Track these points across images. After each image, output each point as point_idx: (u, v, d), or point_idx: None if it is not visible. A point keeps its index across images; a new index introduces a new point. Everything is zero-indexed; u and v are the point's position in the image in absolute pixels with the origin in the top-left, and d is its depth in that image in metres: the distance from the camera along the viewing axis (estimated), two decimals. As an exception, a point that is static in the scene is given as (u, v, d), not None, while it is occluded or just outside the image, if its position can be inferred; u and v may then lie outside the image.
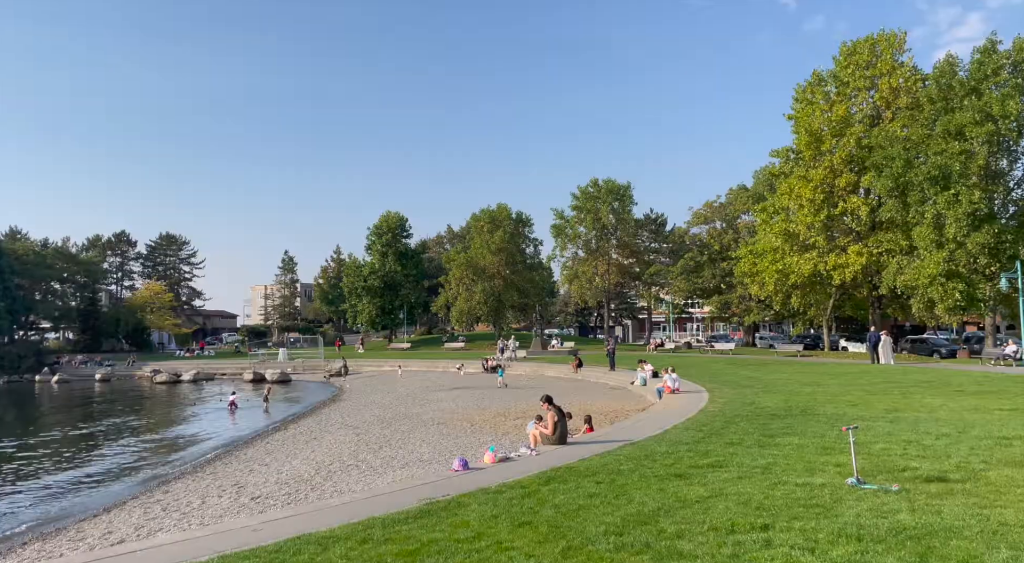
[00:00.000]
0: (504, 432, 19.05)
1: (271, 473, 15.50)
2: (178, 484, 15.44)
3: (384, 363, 51.88)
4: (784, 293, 45.59)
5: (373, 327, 77.95)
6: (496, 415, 22.87)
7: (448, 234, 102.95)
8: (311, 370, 52.37)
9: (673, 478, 8.64)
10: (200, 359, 64.55)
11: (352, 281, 74.86)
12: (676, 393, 21.93)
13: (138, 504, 13.53)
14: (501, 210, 67.28)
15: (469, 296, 65.01)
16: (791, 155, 46.10)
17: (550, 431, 12.82)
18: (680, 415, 16.18)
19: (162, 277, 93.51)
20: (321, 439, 20.39)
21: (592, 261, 66.28)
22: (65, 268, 74.46)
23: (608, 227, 65.80)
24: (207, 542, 6.88)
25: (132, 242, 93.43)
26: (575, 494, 8.00)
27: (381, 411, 26.54)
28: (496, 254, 64.60)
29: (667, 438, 12.46)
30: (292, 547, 6.27)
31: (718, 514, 6.68)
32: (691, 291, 64.31)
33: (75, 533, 11.67)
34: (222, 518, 11.40)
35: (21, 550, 11.02)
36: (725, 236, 61.53)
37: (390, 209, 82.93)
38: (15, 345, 63.19)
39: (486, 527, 6.66)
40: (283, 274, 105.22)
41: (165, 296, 79.98)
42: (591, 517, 6.83)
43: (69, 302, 75.99)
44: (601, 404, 23.84)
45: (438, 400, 28.96)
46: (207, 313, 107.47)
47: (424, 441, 18.34)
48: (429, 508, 7.73)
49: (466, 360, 48.37)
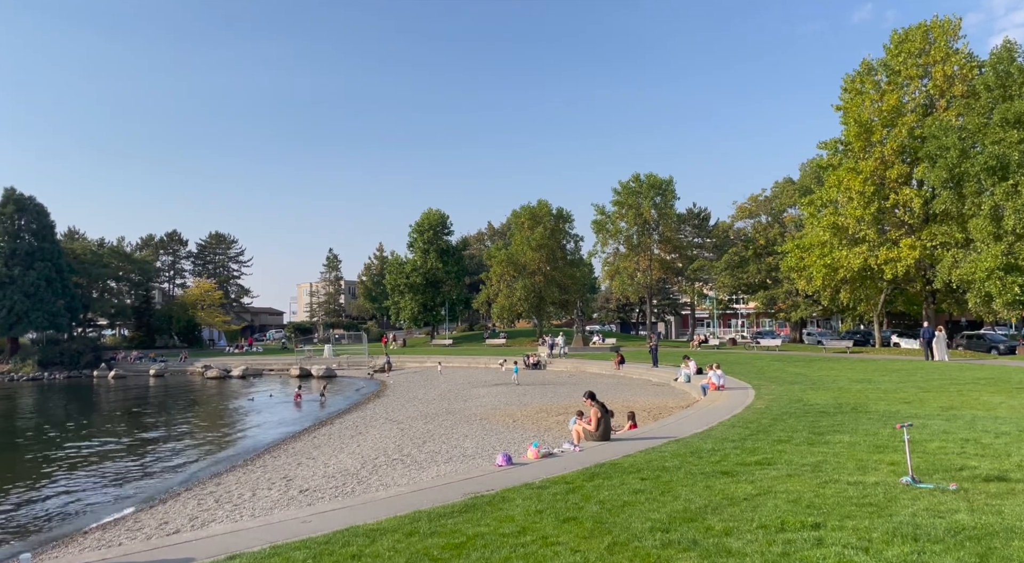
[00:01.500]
0: (546, 428, 19.05)
1: (318, 466, 15.80)
2: (229, 476, 15.86)
3: (427, 359, 52.36)
4: (833, 288, 44.51)
5: (415, 324, 78.69)
6: (538, 411, 22.88)
7: (489, 231, 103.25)
8: (355, 366, 53.17)
9: (720, 475, 8.52)
10: (248, 355, 66.13)
11: (394, 278, 75.69)
12: (721, 390, 21.62)
13: (192, 496, 13.94)
14: (541, 206, 67.16)
15: (510, 292, 65.11)
16: (839, 147, 44.92)
17: (593, 427, 12.77)
18: (725, 412, 15.95)
19: (212, 275, 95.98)
20: (366, 433, 20.69)
21: (634, 257, 65.73)
22: (120, 267, 77.01)
23: (650, 222, 65.14)
24: (259, 533, 7.04)
25: (183, 241, 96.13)
26: (620, 490, 7.96)
27: (424, 406, 26.81)
28: (537, 250, 64.52)
29: (712, 435, 12.30)
30: (341, 539, 6.38)
31: (767, 512, 6.57)
32: (736, 286, 63.29)
33: (132, 523, 12.08)
34: (272, 510, 11.67)
35: (82, 538, 11.47)
36: (771, 230, 60.34)
37: (431, 207, 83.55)
38: (74, 341, 65.63)
39: (531, 522, 6.68)
40: (328, 272, 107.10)
41: (215, 294, 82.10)
42: (636, 513, 6.79)
43: (124, 300, 78.56)
44: (644, 401, 23.66)
45: (480, 396, 29.11)
46: (255, 310, 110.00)
47: (467, 436, 18.46)
48: (474, 502, 7.78)
49: (507, 356, 48.49)
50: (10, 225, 61.96)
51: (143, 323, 78.22)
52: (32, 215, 63.44)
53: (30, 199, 63.79)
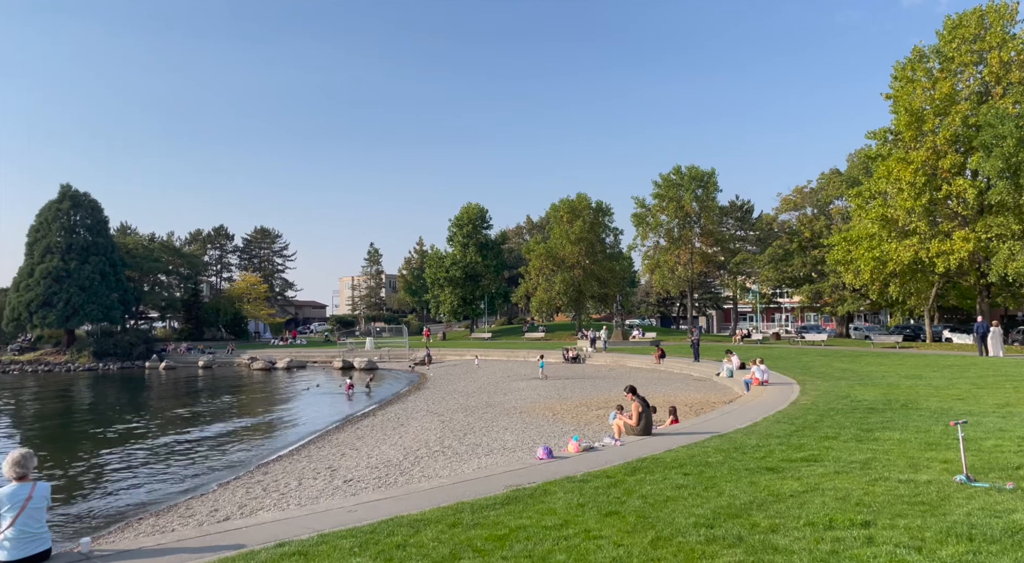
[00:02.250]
0: (586, 422, 19.02)
1: (362, 457, 16.06)
2: (276, 466, 16.24)
3: (466, 352, 52.68)
4: (881, 282, 43.32)
5: (455, 317, 79.23)
6: (578, 405, 22.85)
7: (527, 224, 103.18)
8: (396, 358, 53.81)
9: (765, 472, 8.40)
10: (293, 347, 67.45)
11: (434, 272, 76.28)
12: (765, 385, 21.27)
13: (240, 484, 14.31)
14: (580, 200, 66.81)
15: (549, 286, 65.01)
16: (889, 136, 43.59)
17: (634, 422, 12.70)
18: (770, 408, 15.70)
19: (257, 269, 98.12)
20: (408, 425, 20.94)
21: (674, 250, 64.95)
22: (170, 261, 79.26)
23: (691, 215, 64.23)
24: (306, 521, 7.21)
25: (230, 236, 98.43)
26: (662, 485, 7.91)
27: (464, 399, 27.00)
28: (576, 244, 64.25)
29: (757, 431, 12.12)
30: (386, 528, 6.48)
31: (814, 509, 6.46)
32: (780, 280, 62.07)
33: (184, 510, 12.47)
34: (318, 499, 11.92)
35: (137, 524, 11.89)
36: (816, 222, 58.97)
37: (471, 201, 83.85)
38: (127, 333, 67.82)
39: (573, 515, 6.69)
40: (369, 265, 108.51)
41: (260, 287, 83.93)
42: (680, 509, 6.74)
43: (174, 293, 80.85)
44: (685, 395, 23.42)
45: (519, 389, 29.19)
46: (298, 303, 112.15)
47: (507, 429, 18.54)
48: (516, 495, 7.82)
49: (546, 350, 48.50)
50: (66, 221, 64.21)
51: (192, 316, 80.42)
52: (87, 211, 65.65)
53: (85, 195, 66.01)
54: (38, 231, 63.90)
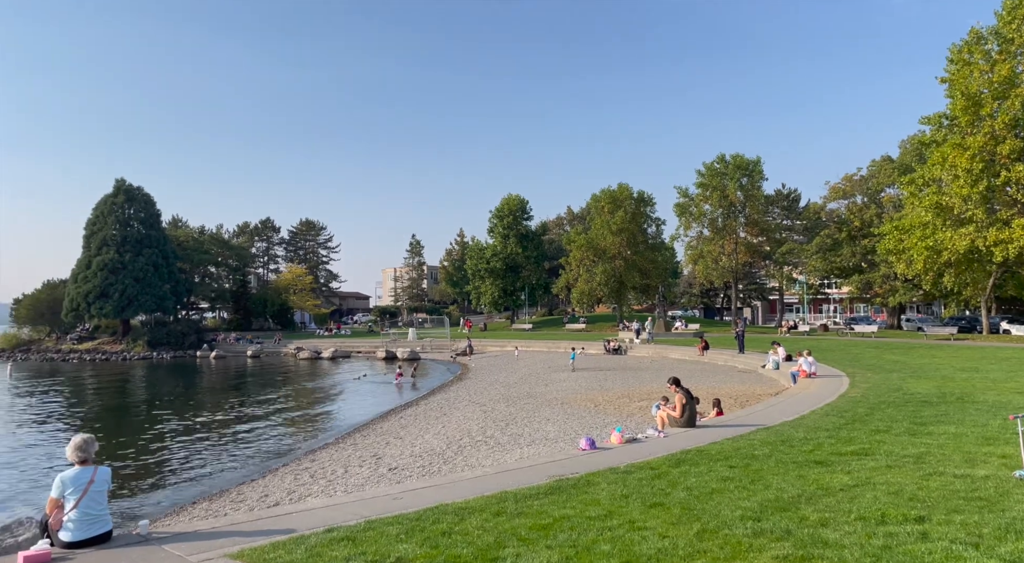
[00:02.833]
0: (628, 413, 18.92)
1: (406, 446, 16.28)
2: (323, 453, 16.58)
3: (507, 343, 52.82)
4: (935, 272, 41.94)
5: (496, 308, 79.51)
6: (620, 396, 22.74)
7: (568, 215, 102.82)
8: (438, 349, 54.28)
9: (813, 465, 8.25)
10: (337, 338, 68.59)
11: (475, 263, 76.60)
12: (812, 377, 20.84)
13: (289, 471, 14.66)
14: (622, 190, 66.18)
15: (590, 277, 64.69)
16: (944, 121, 42.05)
17: (678, 413, 12.59)
18: (818, 400, 15.39)
19: (302, 261, 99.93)
20: (450, 415, 21.14)
21: (718, 240, 63.88)
22: (219, 253, 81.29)
23: (736, 204, 63.05)
24: (353, 508, 7.34)
25: (276, 228, 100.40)
26: (707, 477, 7.83)
27: (505, 390, 27.11)
28: (617, 234, 63.72)
29: (804, 424, 11.89)
30: (431, 516, 6.57)
31: (866, 504, 6.31)
32: (828, 270, 60.60)
33: (236, 495, 12.83)
34: (364, 486, 12.13)
35: (192, 508, 12.29)
36: (867, 211, 57.32)
37: (511, 192, 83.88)
38: (179, 323, 69.89)
39: (617, 506, 6.67)
40: (411, 257, 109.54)
41: (306, 278, 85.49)
42: (725, 501, 6.67)
43: (223, 284, 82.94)
44: (730, 388, 23.11)
45: (560, 380, 29.18)
46: (343, 294, 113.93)
47: (549, 420, 18.56)
48: (559, 485, 7.83)
49: (587, 342, 48.33)
50: (121, 214, 66.32)
51: (240, 306, 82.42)
52: (140, 204, 67.70)
53: (138, 189, 68.06)
54: (94, 224, 66.14)
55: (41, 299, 70.63)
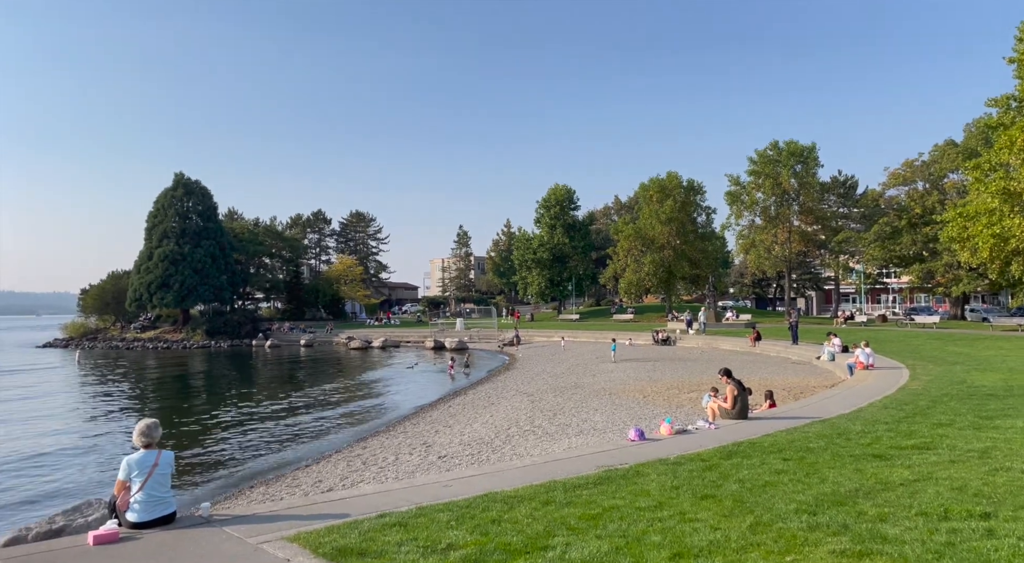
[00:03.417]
0: (678, 404, 18.72)
1: (455, 434, 16.46)
2: (374, 441, 16.90)
3: (554, 334, 52.79)
4: (1002, 260, 40.06)
5: (542, 298, 79.49)
6: (669, 387, 22.51)
7: (616, 205, 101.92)
8: (485, 339, 54.62)
9: (871, 458, 8.01)
10: (387, 328, 69.68)
11: (522, 254, 76.65)
12: (870, 369, 20.24)
13: (341, 457, 14.99)
14: (671, 178, 65.19)
15: (638, 267, 64.03)
16: (1013, 103, 40.03)
17: (729, 405, 12.39)
18: (876, 392, 14.95)
19: (353, 252, 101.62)
20: (498, 404, 21.27)
21: (771, 229, 62.39)
22: (273, 244, 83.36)
23: (789, 192, 61.43)
24: (404, 494, 7.46)
25: (327, 220, 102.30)
26: (760, 470, 7.69)
27: (553, 380, 27.13)
28: (666, 224, 62.85)
29: (862, 416, 11.57)
30: (481, 504, 6.62)
31: (927, 499, 6.11)
32: (886, 259, 58.57)
33: (291, 480, 13.20)
34: (414, 473, 12.32)
35: (250, 492, 12.69)
36: (928, 198, 55.15)
37: (558, 182, 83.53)
38: (235, 313, 72.04)
39: (667, 497, 6.61)
40: (458, 248, 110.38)
41: (356, 269, 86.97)
42: (779, 494, 6.53)
43: (277, 275, 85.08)
44: (783, 379, 22.63)
45: (608, 371, 29.03)
46: (392, 285, 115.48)
47: (597, 410, 18.50)
48: (608, 475, 7.80)
49: (635, 332, 47.93)
50: (180, 207, 68.55)
51: (294, 296, 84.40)
52: (198, 198, 69.84)
53: (196, 183, 70.21)
54: (155, 217, 68.52)
55: (106, 289, 73.72)
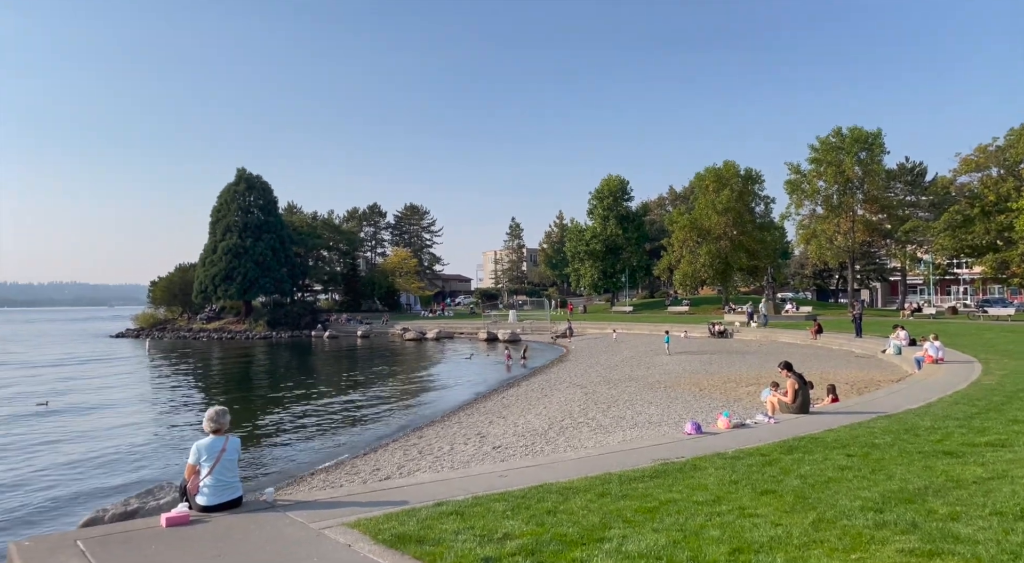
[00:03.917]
0: (736, 398, 18.37)
1: (508, 425, 16.55)
2: (429, 430, 17.14)
3: (607, 326, 52.43)
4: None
5: (595, 290, 79.00)
6: (726, 381, 22.11)
7: (670, 195, 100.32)
8: (538, 331, 54.65)
9: (941, 455, 7.71)
10: (441, 319, 70.44)
11: (574, 245, 76.26)
12: (939, 363, 19.44)
13: (398, 446, 15.26)
14: (728, 167, 63.72)
15: (693, 259, 62.93)
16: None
17: (790, 399, 12.08)
18: (946, 388, 14.36)
19: (407, 244, 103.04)
20: (551, 396, 21.28)
21: (833, 218, 60.39)
22: (331, 237, 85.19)
23: (853, 180, 59.29)
24: (460, 484, 7.54)
25: (383, 213, 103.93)
26: (823, 466, 7.49)
27: (606, 372, 26.98)
28: (722, 214, 61.50)
29: (931, 412, 11.13)
30: (536, 494, 6.64)
31: (1002, 498, 5.84)
32: (957, 249, 56.04)
33: (350, 468, 13.51)
34: (469, 463, 12.45)
35: (311, 479, 13.05)
36: (1003, 184, 52.45)
37: (611, 173, 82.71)
38: (295, 305, 73.98)
39: (725, 492, 6.50)
40: (510, 240, 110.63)
41: (410, 262, 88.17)
42: (843, 491, 6.35)
43: (335, 267, 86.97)
44: (846, 373, 21.96)
45: (662, 363, 28.70)
46: (445, 277, 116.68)
47: (651, 403, 18.32)
48: (664, 468, 7.72)
49: (690, 324, 47.20)
50: (242, 201, 70.67)
51: (350, 288, 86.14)
52: (259, 192, 71.85)
53: (257, 178, 72.22)
54: (219, 211, 70.83)
55: (174, 281, 76.71)
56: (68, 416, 21.55)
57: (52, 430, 19.18)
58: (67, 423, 20.29)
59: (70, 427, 19.66)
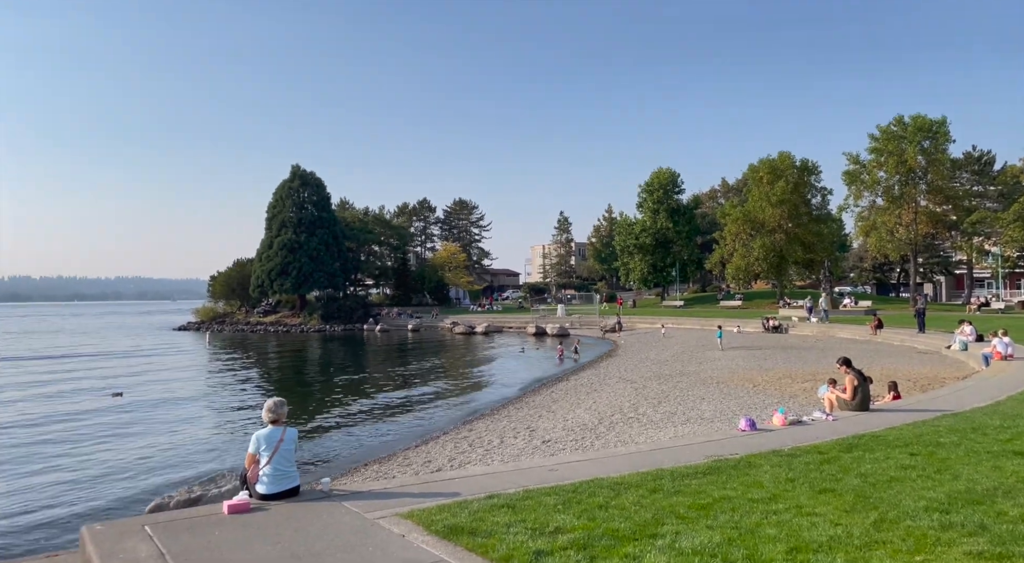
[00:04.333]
0: (791, 395, 17.95)
1: (558, 420, 16.55)
2: (479, 423, 17.27)
3: (657, 320, 51.86)
4: None
5: (645, 285, 78.20)
6: (781, 377, 21.62)
7: (723, 188, 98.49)
8: (587, 325, 54.42)
9: (1012, 455, 7.39)
10: (489, 313, 70.82)
11: (623, 239, 75.60)
12: (1009, 360, 18.62)
13: (449, 439, 15.43)
14: (783, 159, 62.16)
15: (746, 252, 61.67)
16: None
17: (849, 396, 11.74)
18: (1016, 385, 13.76)
19: (456, 239, 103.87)
20: (600, 391, 21.18)
21: (894, 210, 58.30)
22: (382, 233, 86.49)
23: (916, 170, 57.09)
24: (510, 477, 7.57)
25: (432, 208, 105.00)
26: (884, 465, 7.26)
27: (657, 367, 26.69)
28: (777, 206, 60.07)
29: (1000, 410, 10.68)
30: (587, 489, 6.62)
31: (1080, 503, 5.57)
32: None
33: (402, 459, 13.72)
34: (519, 457, 12.50)
35: (364, 469, 13.31)
36: (1079, 172, 49.80)
37: (661, 166, 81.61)
38: (348, 299, 75.38)
39: (781, 490, 6.37)
40: (559, 234, 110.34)
41: (459, 256, 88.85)
42: (906, 491, 6.15)
43: (386, 262, 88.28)
44: (908, 370, 21.22)
45: (714, 359, 28.23)
46: (494, 271, 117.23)
47: (703, 399, 18.06)
48: (717, 465, 7.61)
49: (742, 319, 46.30)
50: (297, 197, 72.27)
51: (401, 283, 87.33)
52: (313, 188, 73.37)
53: (311, 174, 73.76)
54: (275, 207, 72.61)
55: (232, 276, 79.02)
56: (137, 405, 22.47)
57: (122, 419, 20.04)
58: (136, 412, 21.16)
59: (138, 416, 20.51)
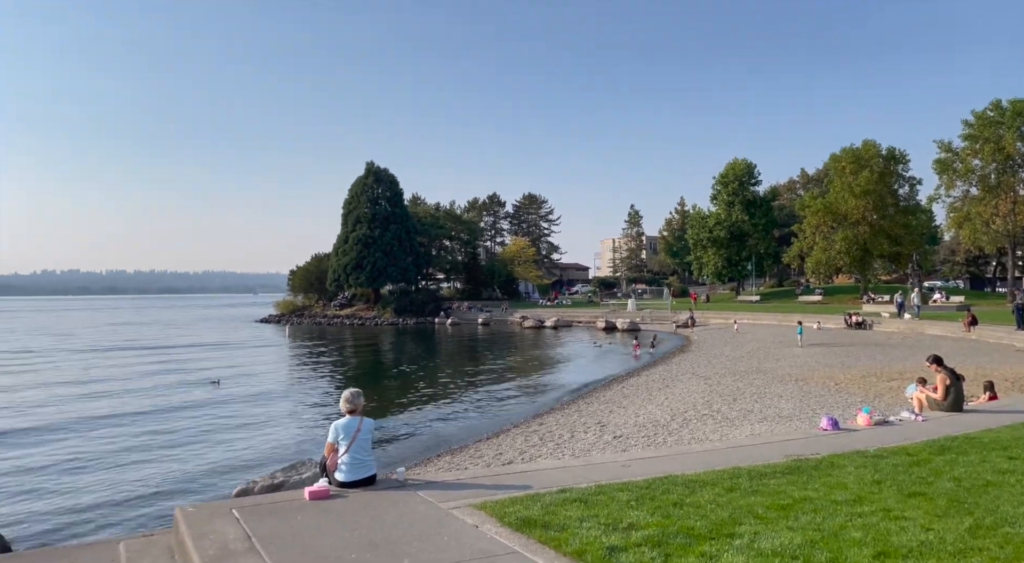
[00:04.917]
0: (876, 394, 17.19)
1: (629, 415, 16.39)
2: (550, 418, 17.29)
3: (731, 316, 50.55)
4: None
5: (719, 279, 76.29)
6: (864, 375, 20.74)
7: (802, 178, 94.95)
8: (658, 320, 53.58)
9: None
10: (559, 308, 70.67)
11: (696, 232, 73.92)
12: (1121, 361, 17.24)
13: (519, 432, 15.52)
14: (867, 148, 59.29)
15: (827, 245, 59.22)
16: None
17: (940, 395, 11.14)
18: None
19: (525, 233, 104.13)
20: (673, 387, 20.83)
21: (991, 200, 54.76)
22: (452, 227, 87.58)
23: (1014, 157, 53.45)
24: (582, 471, 7.54)
25: (501, 203, 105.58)
26: (980, 468, 6.86)
27: (731, 363, 26.06)
28: (861, 197, 57.37)
29: (1112, 416, 9.91)
30: (661, 486, 6.52)
31: None
32: None
33: (474, 451, 13.90)
34: (590, 452, 12.45)
35: (436, 460, 13.56)
36: None
37: (736, 156, 79.36)
38: (420, 293, 76.75)
39: (867, 492, 6.11)
40: (629, 227, 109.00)
41: (529, 250, 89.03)
42: (1005, 496, 5.79)
43: (456, 256, 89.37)
44: (1005, 369, 20.00)
45: (793, 356, 27.33)
46: (563, 265, 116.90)
47: (781, 397, 17.51)
48: (797, 465, 7.36)
49: (823, 315, 44.58)
50: (371, 193, 73.99)
51: (471, 277, 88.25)
52: (386, 184, 74.95)
53: (384, 171, 75.36)
54: (350, 203, 74.58)
55: (310, 270, 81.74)
56: (229, 395, 23.60)
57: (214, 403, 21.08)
58: (227, 402, 22.20)
59: (230, 403, 21.55)
